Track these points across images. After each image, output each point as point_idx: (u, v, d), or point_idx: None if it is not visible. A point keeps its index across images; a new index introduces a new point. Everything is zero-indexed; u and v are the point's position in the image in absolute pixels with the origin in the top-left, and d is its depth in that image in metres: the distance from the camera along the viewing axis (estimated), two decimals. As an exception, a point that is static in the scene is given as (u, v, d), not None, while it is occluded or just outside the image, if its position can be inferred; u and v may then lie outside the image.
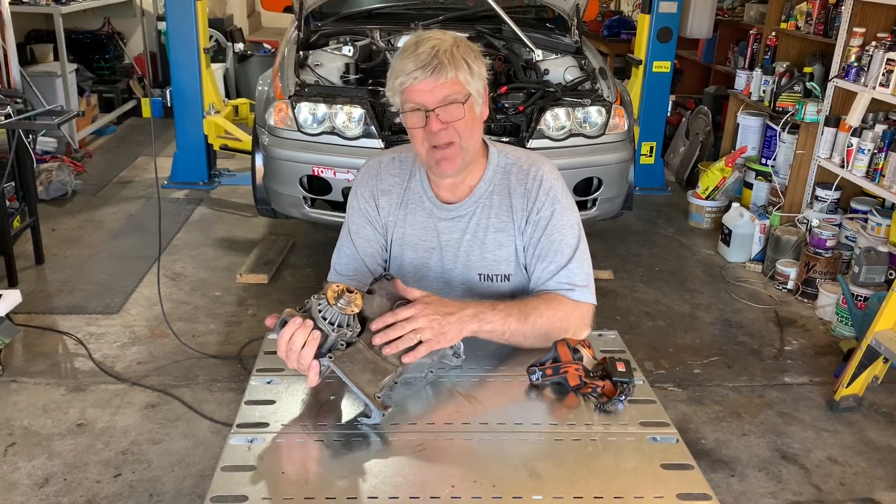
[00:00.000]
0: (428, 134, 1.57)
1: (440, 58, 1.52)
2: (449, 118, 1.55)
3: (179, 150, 5.29)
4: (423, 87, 1.53)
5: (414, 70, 1.52)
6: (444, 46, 1.54)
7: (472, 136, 1.62)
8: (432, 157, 1.60)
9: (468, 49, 1.59)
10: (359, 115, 3.53)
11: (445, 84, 1.53)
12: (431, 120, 1.55)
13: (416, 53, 1.53)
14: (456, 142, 1.58)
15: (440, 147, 1.58)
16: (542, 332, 1.57)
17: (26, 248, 4.04)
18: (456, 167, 1.62)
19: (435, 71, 1.52)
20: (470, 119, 1.59)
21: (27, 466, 2.54)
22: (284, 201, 3.70)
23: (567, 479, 1.22)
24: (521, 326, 1.55)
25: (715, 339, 3.57)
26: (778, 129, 4.52)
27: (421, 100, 1.55)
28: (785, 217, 4.36)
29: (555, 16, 4.71)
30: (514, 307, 1.57)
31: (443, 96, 1.54)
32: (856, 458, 2.72)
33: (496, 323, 1.52)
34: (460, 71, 1.54)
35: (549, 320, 1.58)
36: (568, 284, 1.65)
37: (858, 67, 3.87)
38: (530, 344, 1.57)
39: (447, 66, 1.52)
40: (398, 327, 1.41)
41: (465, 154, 1.62)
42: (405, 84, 1.54)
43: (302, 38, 4.13)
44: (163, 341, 3.34)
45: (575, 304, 1.64)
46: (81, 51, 6.89)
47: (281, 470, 1.26)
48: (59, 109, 4.00)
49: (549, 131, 3.61)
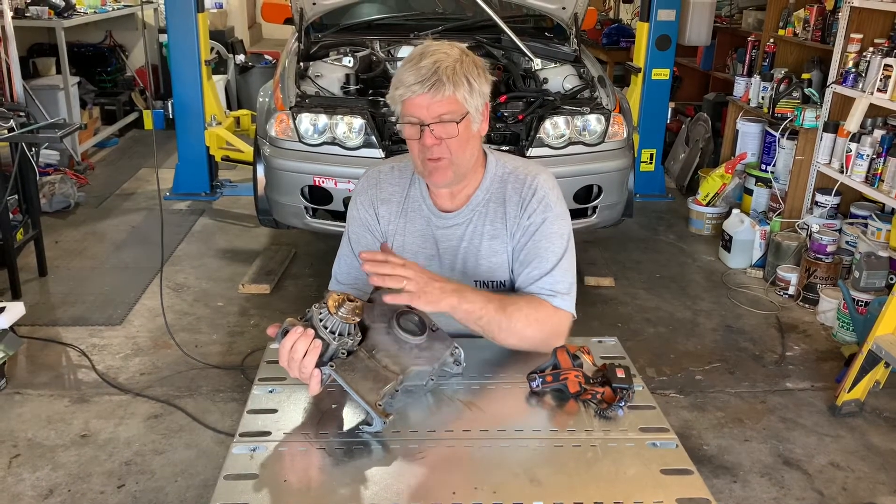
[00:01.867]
0: (422, 146, 1.59)
1: (439, 74, 1.52)
2: (443, 134, 1.57)
3: (181, 162, 5.32)
4: (420, 101, 1.54)
5: (413, 84, 1.53)
6: (448, 62, 1.54)
7: (464, 153, 1.63)
8: (425, 168, 1.63)
9: (472, 65, 1.58)
10: (359, 126, 3.54)
11: (442, 102, 1.54)
12: (426, 134, 1.56)
13: (418, 66, 1.53)
14: (446, 157, 1.60)
15: (432, 160, 1.60)
16: (518, 329, 1.57)
17: (30, 261, 4.06)
18: (448, 179, 1.64)
19: (433, 87, 1.52)
20: (464, 137, 1.59)
21: (31, 478, 2.55)
22: (286, 211, 3.72)
23: (567, 485, 1.23)
24: (499, 316, 1.55)
25: (716, 345, 3.57)
26: (777, 136, 4.53)
27: (417, 114, 1.56)
28: (785, 223, 4.37)
29: (553, 25, 4.73)
30: (497, 297, 1.59)
31: (438, 113, 1.55)
32: (858, 463, 2.72)
33: (476, 304, 1.53)
34: (459, 89, 1.54)
35: (526, 317, 1.58)
36: (550, 291, 1.65)
37: (856, 73, 3.89)
38: (504, 339, 1.58)
39: (446, 83, 1.53)
40: (389, 265, 1.44)
41: (457, 168, 1.64)
42: (404, 96, 1.56)
43: (302, 50, 4.15)
44: (166, 352, 3.35)
45: (554, 310, 1.64)
46: (84, 64, 6.93)
47: (283, 478, 1.27)
48: (61, 122, 4.01)
49: (548, 140, 3.62)
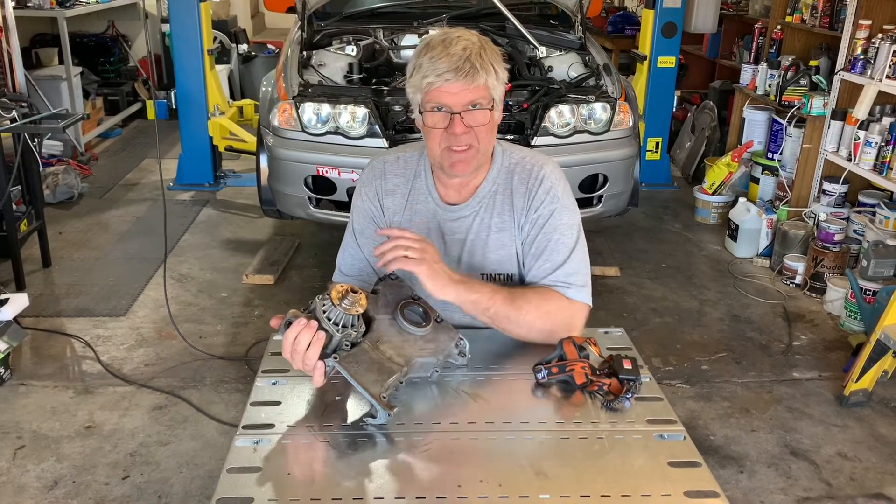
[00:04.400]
0: (448, 135, 1.55)
1: (472, 61, 1.49)
2: (473, 122, 1.54)
3: (185, 152, 5.31)
4: (452, 89, 1.51)
5: (446, 71, 1.49)
6: (475, 49, 1.51)
7: (490, 141, 1.62)
8: (447, 157, 1.59)
9: (494, 52, 1.56)
10: (363, 115, 3.52)
11: (476, 89, 1.52)
12: (455, 122, 1.53)
13: (449, 54, 1.49)
14: (474, 145, 1.57)
15: (458, 150, 1.57)
16: (528, 321, 1.56)
17: (33, 252, 4.06)
18: (470, 169, 1.62)
19: (468, 75, 1.49)
20: (492, 125, 1.58)
21: (36, 469, 2.55)
22: (289, 202, 3.71)
23: (574, 478, 1.22)
24: (507, 307, 1.54)
25: (723, 334, 3.55)
26: (784, 123, 4.49)
27: (448, 101, 1.52)
28: (792, 211, 4.34)
29: (558, 12, 4.70)
30: (505, 289, 1.57)
31: (470, 100, 1.52)
32: (866, 453, 2.71)
33: (483, 294, 1.52)
34: (490, 76, 1.53)
35: (536, 309, 1.57)
36: (564, 283, 1.63)
37: (865, 60, 3.84)
38: (514, 330, 1.57)
39: (479, 70, 1.50)
40: (405, 237, 1.46)
41: (480, 157, 1.62)
42: (434, 85, 1.51)
43: (305, 39, 4.13)
44: (170, 343, 3.35)
45: (568, 301, 1.62)
46: (86, 54, 6.91)
47: (287, 471, 1.26)
48: (64, 113, 4.00)
49: (553, 128, 3.60)
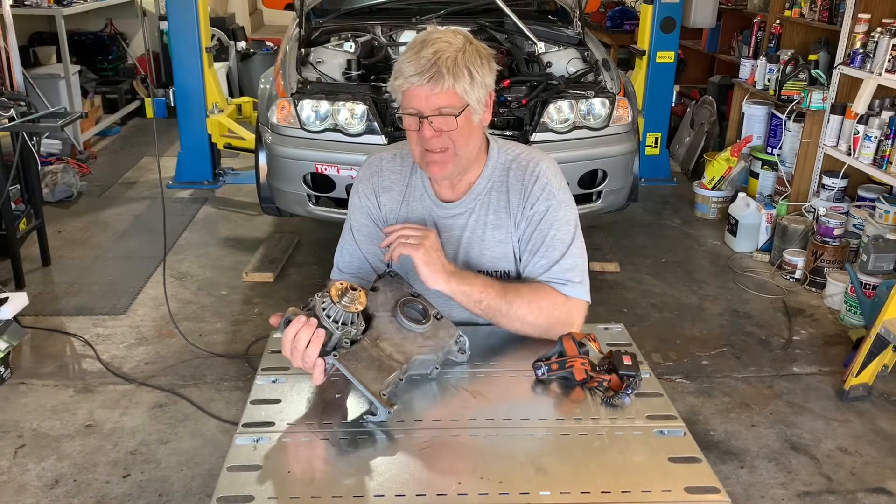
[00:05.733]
0: (420, 138, 1.55)
1: (439, 66, 1.47)
2: (442, 126, 1.52)
3: (183, 150, 5.30)
4: (418, 93, 1.50)
5: (411, 75, 1.49)
6: (449, 52, 1.48)
7: (467, 145, 1.59)
8: (423, 159, 1.59)
9: (476, 55, 1.53)
10: (361, 112, 3.52)
11: (441, 94, 1.49)
12: (424, 126, 1.52)
13: (418, 56, 1.48)
14: (450, 148, 1.56)
15: (432, 151, 1.56)
16: (520, 315, 1.56)
17: (32, 251, 4.05)
18: (446, 171, 1.60)
19: (431, 79, 1.47)
20: (465, 129, 1.55)
21: (37, 468, 2.55)
22: (288, 199, 3.70)
23: (574, 475, 1.22)
24: (498, 301, 1.55)
25: (723, 329, 3.55)
26: (783, 118, 4.49)
27: (416, 105, 1.51)
28: (792, 206, 4.34)
29: (557, 8, 4.68)
30: (499, 282, 1.58)
31: (437, 106, 1.50)
32: (866, 447, 2.71)
33: (475, 287, 1.54)
34: (459, 81, 1.49)
35: (528, 304, 1.57)
36: (560, 279, 1.62)
37: (864, 54, 3.84)
38: (507, 324, 1.58)
39: (445, 76, 1.47)
40: (407, 227, 1.53)
41: (459, 161, 1.60)
42: (403, 87, 1.51)
43: (304, 36, 4.11)
44: (170, 341, 3.35)
45: (565, 298, 1.61)
46: (84, 52, 6.90)
47: (287, 469, 1.26)
48: (62, 111, 3.99)
49: (552, 124, 3.59)
